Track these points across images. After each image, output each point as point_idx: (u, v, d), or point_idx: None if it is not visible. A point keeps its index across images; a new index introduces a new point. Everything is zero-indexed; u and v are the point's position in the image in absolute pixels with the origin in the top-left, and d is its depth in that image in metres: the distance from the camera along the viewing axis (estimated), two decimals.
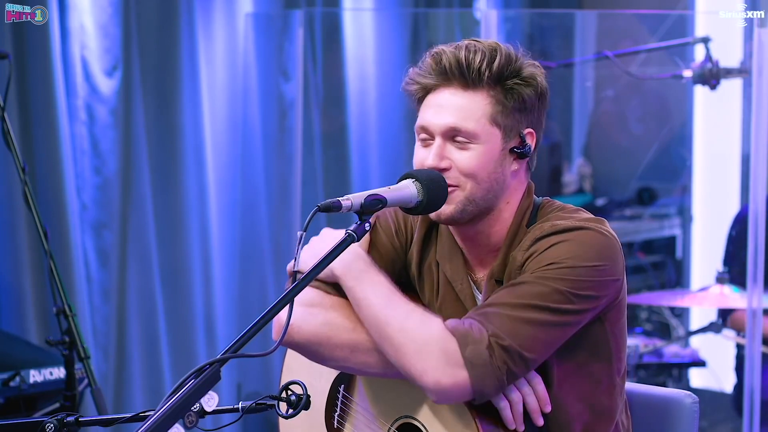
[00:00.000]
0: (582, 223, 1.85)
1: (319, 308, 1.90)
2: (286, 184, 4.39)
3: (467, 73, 1.84)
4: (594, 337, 1.86)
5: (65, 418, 1.67)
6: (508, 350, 1.74)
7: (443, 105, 1.86)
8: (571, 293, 1.78)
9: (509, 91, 1.85)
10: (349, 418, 2.05)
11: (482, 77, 1.84)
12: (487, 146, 1.85)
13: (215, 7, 4.23)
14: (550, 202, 1.96)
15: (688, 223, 5.53)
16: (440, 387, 1.75)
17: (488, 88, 1.85)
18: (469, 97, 1.85)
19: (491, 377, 1.74)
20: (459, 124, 1.84)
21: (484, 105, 1.84)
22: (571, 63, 5.31)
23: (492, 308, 1.78)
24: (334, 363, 1.91)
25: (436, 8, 5.15)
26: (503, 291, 1.82)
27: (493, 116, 1.84)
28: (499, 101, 1.85)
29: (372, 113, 4.79)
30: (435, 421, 1.88)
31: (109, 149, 3.85)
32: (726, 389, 4.69)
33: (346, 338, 1.87)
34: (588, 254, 1.81)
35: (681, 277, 5.46)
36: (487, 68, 1.83)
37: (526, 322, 1.76)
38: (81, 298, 3.73)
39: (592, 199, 5.52)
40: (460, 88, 1.85)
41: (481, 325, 1.76)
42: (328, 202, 1.68)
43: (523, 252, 1.85)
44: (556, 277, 1.78)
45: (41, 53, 3.60)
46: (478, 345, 1.73)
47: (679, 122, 5.49)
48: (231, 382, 4.33)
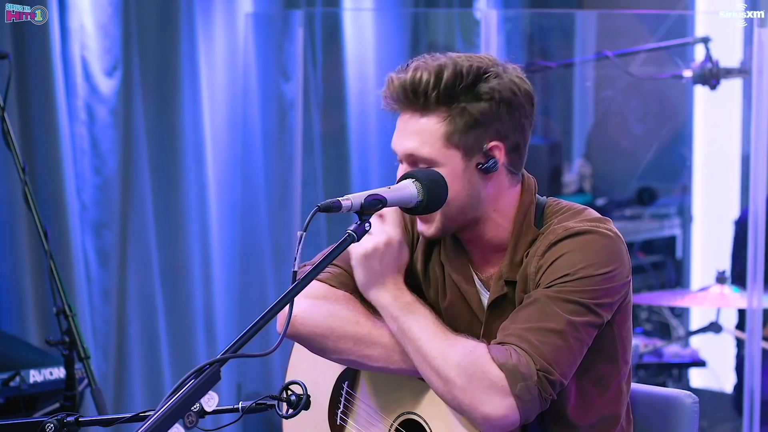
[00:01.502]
0: (591, 226, 1.85)
1: (324, 300, 1.92)
2: (286, 184, 4.39)
3: (412, 97, 1.81)
4: (603, 340, 1.87)
5: (65, 418, 1.67)
6: (555, 383, 1.77)
7: (402, 130, 1.85)
8: (593, 304, 1.80)
9: (462, 111, 1.80)
10: (352, 414, 2.05)
11: (429, 99, 1.80)
12: (448, 168, 1.82)
13: (215, 7, 4.23)
14: (556, 201, 1.95)
15: (688, 223, 5.53)
16: (489, 421, 1.76)
17: (439, 110, 1.81)
18: (424, 122, 1.82)
19: (537, 408, 1.77)
20: (416, 150, 1.83)
21: (437, 128, 1.81)
22: (571, 63, 5.31)
23: (532, 335, 1.77)
24: (338, 356, 1.92)
25: (436, 8, 5.15)
26: (532, 309, 1.81)
27: (448, 137, 1.81)
28: (452, 121, 1.80)
29: (372, 113, 4.79)
30: (437, 417, 1.89)
31: (109, 149, 3.85)
32: (726, 389, 4.69)
33: (350, 330, 1.88)
34: (600, 260, 1.81)
35: (681, 277, 5.46)
36: (434, 90, 1.79)
37: (566, 349, 1.77)
38: (81, 298, 3.73)
39: (592, 199, 5.52)
40: (416, 111, 1.83)
41: (528, 357, 1.76)
42: (328, 202, 1.68)
43: (538, 258, 1.85)
44: (575, 290, 1.79)
45: (41, 53, 3.60)
46: (528, 381, 1.74)
47: (679, 122, 5.49)
48: (231, 382, 4.32)
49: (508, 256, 1.89)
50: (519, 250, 1.88)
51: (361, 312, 1.91)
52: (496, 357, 1.76)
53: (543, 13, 5.60)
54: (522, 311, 1.82)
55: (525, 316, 1.80)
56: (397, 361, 1.87)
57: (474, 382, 1.75)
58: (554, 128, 5.62)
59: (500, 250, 1.91)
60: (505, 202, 1.89)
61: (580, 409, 1.89)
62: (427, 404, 1.91)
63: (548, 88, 5.51)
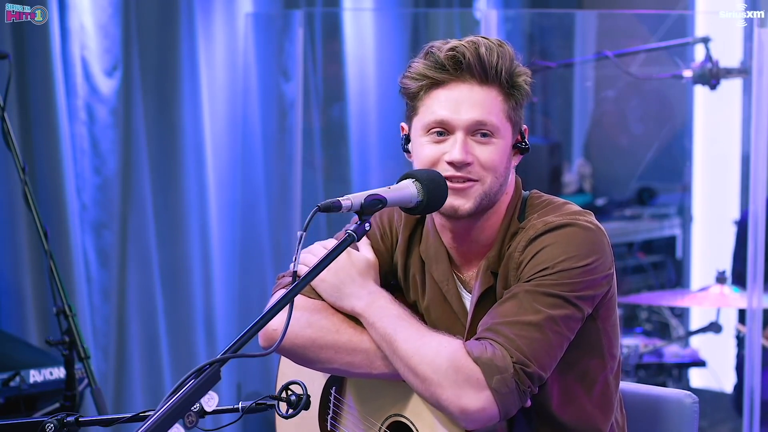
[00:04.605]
0: (570, 219, 1.86)
1: (302, 311, 1.92)
2: (286, 184, 4.39)
3: (488, 68, 1.84)
4: (587, 335, 1.87)
5: (65, 418, 1.67)
6: (532, 376, 1.76)
7: (463, 100, 1.85)
8: (574, 297, 1.80)
9: (517, 88, 1.87)
10: (342, 419, 2.05)
11: (498, 73, 1.85)
12: (504, 141, 1.87)
13: (215, 7, 4.23)
14: (538, 194, 1.97)
15: (688, 223, 5.53)
16: (467, 415, 1.76)
17: (500, 85, 1.86)
18: (486, 93, 1.85)
19: (516, 401, 1.77)
20: (484, 117, 1.84)
21: (499, 101, 1.86)
22: (571, 63, 5.31)
23: (508, 328, 1.78)
24: (320, 365, 1.93)
25: (436, 8, 5.15)
26: (510, 304, 1.81)
27: (507, 111, 1.87)
28: (510, 97, 1.87)
29: (372, 113, 4.79)
30: (422, 418, 1.89)
31: (109, 149, 3.85)
32: (726, 389, 4.69)
33: (331, 339, 1.89)
34: (580, 252, 1.82)
35: (681, 277, 5.46)
36: (503, 65, 1.85)
37: (543, 342, 1.77)
38: (81, 298, 3.73)
39: (592, 199, 5.52)
40: (476, 83, 1.85)
41: (504, 350, 1.76)
42: (328, 202, 1.68)
43: (519, 253, 1.86)
44: (554, 283, 1.80)
45: (41, 53, 3.60)
46: (504, 374, 1.74)
47: (679, 122, 5.49)
48: (231, 382, 4.32)
49: (495, 247, 1.90)
50: (504, 243, 1.90)
51: (340, 319, 1.91)
52: (471, 351, 1.77)
53: (543, 13, 5.60)
54: (500, 307, 1.82)
55: (502, 311, 1.81)
56: (380, 366, 1.88)
57: (449, 377, 1.76)
58: (554, 128, 5.62)
59: (486, 244, 1.92)
60: (511, 191, 1.94)
61: (566, 406, 1.89)
62: (413, 405, 1.91)
63: (548, 88, 5.51)
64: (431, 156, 1.86)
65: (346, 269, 1.93)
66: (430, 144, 1.87)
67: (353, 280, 1.93)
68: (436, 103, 1.86)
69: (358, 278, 1.93)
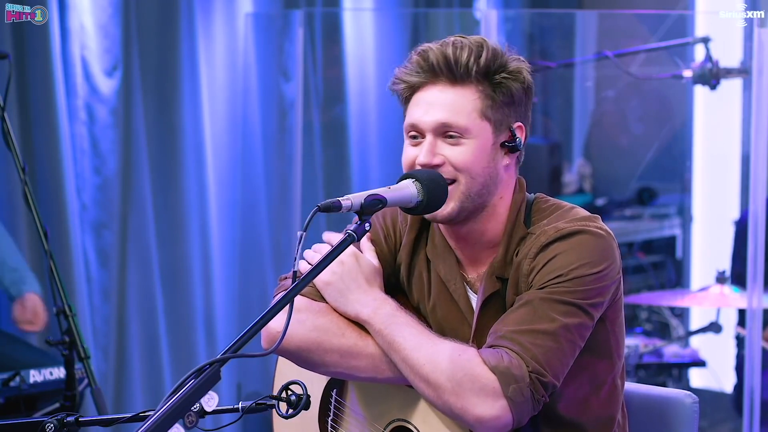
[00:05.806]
0: (582, 226, 1.85)
1: (307, 314, 1.91)
2: (286, 184, 4.39)
3: (455, 68, 1.84)
4: (596, 337, 1.87)
5: (65, 418, 1.67)
6: (547, 385, 1.77)
7: (432, 102, 1.86)
8: (586, 305, 1.80)
9: (497, 86, 1.85)
10: (343, 422, 2.05)
11: (470, 72, 1.84)
12: (479, 141, 1.85)
13: (215, 7, 4.23)
14: (544, 198, 1.96)
15: (688, 223, 5.53)
16: (482, 423, 1.76)
17: (476, 83, 1.85)
18: (457, 93, 1.85)
19: (530, 410, 1.77)
20: (449, 119, 1.84)
21: (473, 100, 1.84)
22: (571, 63, 5.31)
23: (523, 337, 1.78)
24: (325, 369, 1.92)
25: (436, 8, 5.15)
26: (524, 311, 1.81)
27: (483, 110, 1.85)
28: (488, 95, 1.85)
29: (372, 113, 4.79)
30: (428, 424, 1.89)
31: (109, 149, 3.85)
32: (726, 389, 4.69)
33: (336, 343, 1.88)
34: (593, 259, 1.82)
35: (681, 277, 5.46)
36: (475, 63, 1.84)
37: (558, 351, 1.78)
38: (81, 298, 3.73)
39: (592, 199, 5.52)
40: (448, 84, 1.85)
41: (520, 359, 1.76)
42: (328, 202, 1.67)
43: (530, 260, 1.85)
44: (568, 290, 1.80)
45: (41, 53, 3.60)
46: (521, 383, 1.74)
47: (679, 122, 5.49)
48: (231, 382, 4.32)
49: (500, 252, 1.89)
50: (510, 247, 1.89)
51: (345, 323, 1.90)
52: (487, 360, 1.76)
53: (543, 13, 5.60)
54: (513, 313, 1.82)
55: (516, 318, 1.80)
56: (385, 370, 1.87)
57: (465, 386, 1.75)
58: (554, 128, 5.62)
59: (490, 246, 1.92)
60: (508, 193, 1.92)
61: (574, 407, 1.89)
62: (417, 410, 1.91)
63: (548, 88, 5.51)
64: (407, 159, 1.88)
65: (353, 274, 1.93)
66: (408, 147, 1.89)
67: (359, 286, 1.92)
68: (413, 106, 1.89)
69: (365, 284, 1.92)
